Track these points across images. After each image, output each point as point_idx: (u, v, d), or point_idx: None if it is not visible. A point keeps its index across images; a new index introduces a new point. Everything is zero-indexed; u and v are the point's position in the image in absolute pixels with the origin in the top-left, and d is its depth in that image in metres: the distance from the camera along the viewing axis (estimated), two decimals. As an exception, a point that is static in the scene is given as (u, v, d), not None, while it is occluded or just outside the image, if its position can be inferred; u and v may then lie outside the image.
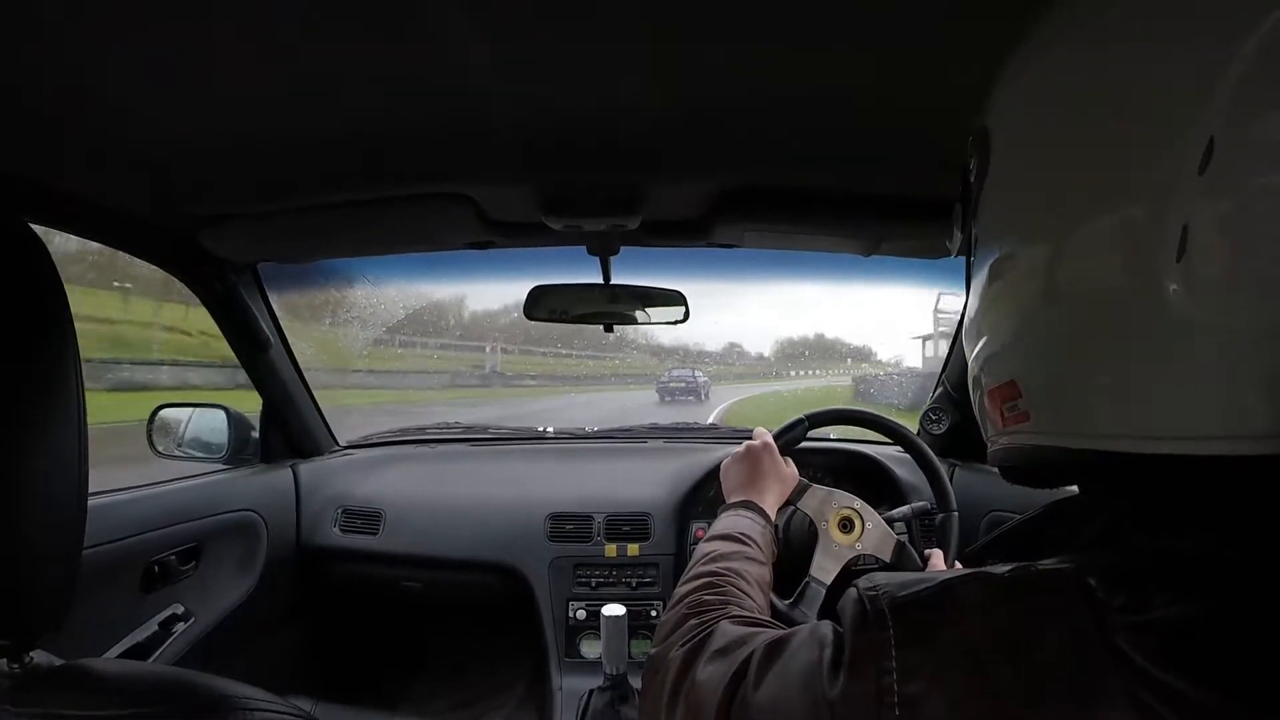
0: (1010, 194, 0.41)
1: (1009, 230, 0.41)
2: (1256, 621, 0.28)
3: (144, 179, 0.93)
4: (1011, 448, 0.42)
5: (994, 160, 0.42)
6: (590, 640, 1.33)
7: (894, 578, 0.37)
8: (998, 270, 0.41)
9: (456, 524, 1.45)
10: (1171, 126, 0.29)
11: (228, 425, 1.46)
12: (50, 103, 0.71)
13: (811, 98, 0.74)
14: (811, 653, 0.38)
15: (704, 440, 1.72)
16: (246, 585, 1.32)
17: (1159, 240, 0.29)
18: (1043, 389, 0.37)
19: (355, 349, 8.52)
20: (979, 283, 0.44)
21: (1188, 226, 0.28)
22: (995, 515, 1.22)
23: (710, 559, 0.68)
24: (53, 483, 0.44)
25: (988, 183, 0.43)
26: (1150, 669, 0.28)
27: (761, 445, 0.97)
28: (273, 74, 0.68)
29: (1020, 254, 0.39)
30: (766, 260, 1.50)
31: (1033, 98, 0.39)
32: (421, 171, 0.94)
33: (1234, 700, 0.27)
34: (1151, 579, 0.31)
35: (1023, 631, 0.31)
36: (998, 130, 0.42)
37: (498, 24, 0.61)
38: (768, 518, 0.83)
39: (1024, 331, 0.39)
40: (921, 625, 0.34)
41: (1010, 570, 0.34)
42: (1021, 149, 0.40)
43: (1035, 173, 0.38)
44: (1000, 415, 0.42)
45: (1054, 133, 0.37)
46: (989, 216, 0.43)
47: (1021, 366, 0.39)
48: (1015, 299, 0.39)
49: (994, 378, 0.42)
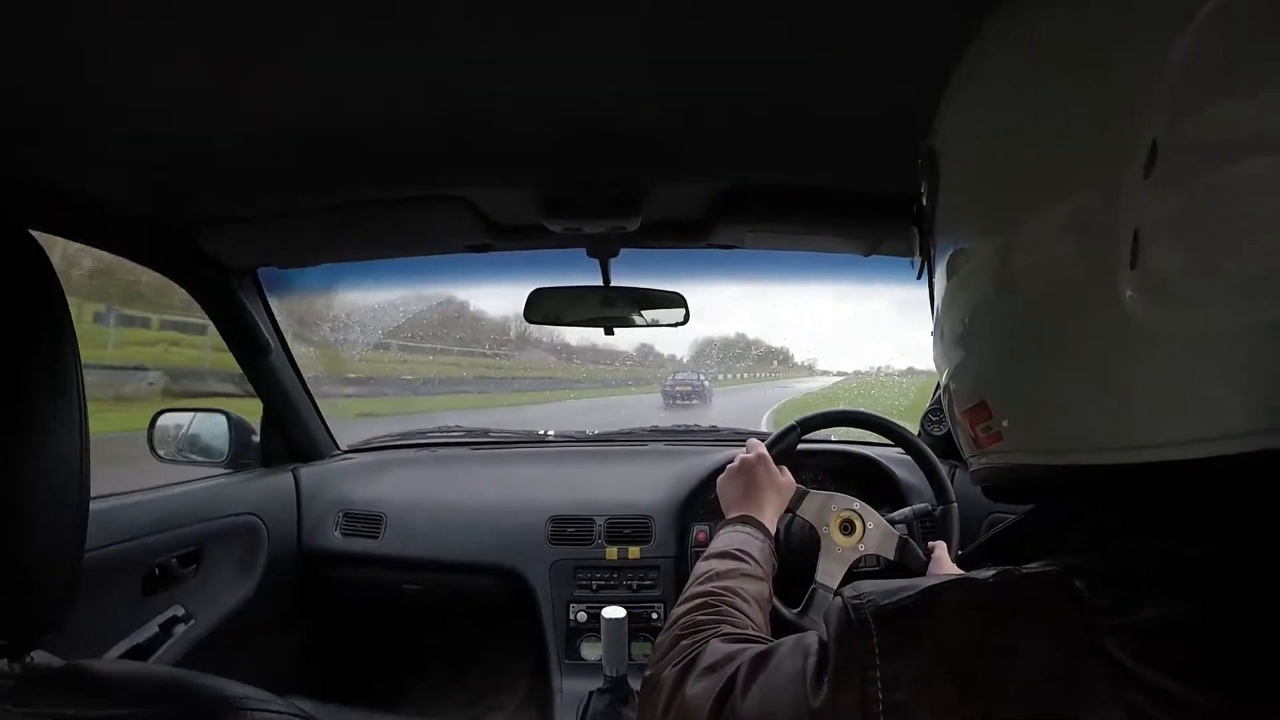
0: (961, 213, 0.40)
1: (962, 249, 0.40)
2: (1246, 621, 0.28)
3: (143, 182, 0.93)
4: (990, 468, 0.42)
5: (943, 180, 0.42)
6: (591, 642, 1.33)
7: (879, 585, 0.37)
8: (955, 292, 0.41)
9: (458, 527, 1.45)
10: (1115, 131, 0.29)
11: (228, 429, 1.46)
12: (47, 105, 0.71)
13: (814, 96, 0.75)
14: (796, 663, 0.38)
15: (705, 443, 1.72)
16: (247, 588, 1.32)
17: (1112, 248, 0.28)
18: (1013, 409, 0.37)
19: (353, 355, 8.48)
20: (940, 304, 0.44)
21: (1138, 231, 0.27)
22: (996, 516, 1.22)
23: (707, 578, 0.68)
24: (55, 484, 0.44)
25: (939, 204, 0.42)
26: (1139, 670, 0.28)
27: (755, 458, 0.96)
28: (271, 77, 0.69)
29: (976, 273, 0.38)
30: (766, 261, 1.51)
31: (976, 112, 0.39)
32: (420, 174, 0.95)
33: (1224, 699, 0.27)
34: (1138, 581, 0.31)
35: (1006, 637, 0.31)
36: (946, 149, 0.42)
37: (497, 24, 0.61)
38: (766, 531, 0.82)
39: (987, 352, 0.38)
40: (905, 633, 0.34)
41: (994, 575, 0.34)
42: (969, 165, 0.40)
43: (984, 187, 0.38)
44: (974, 437, 0.41)
45: (999, 145, 0.36)
46: (943, 237, 0.43)
47: (989, 387, 0.39)
48: (976, 319, 0.39)
49: (963, 400, 0.42)
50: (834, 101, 0.76)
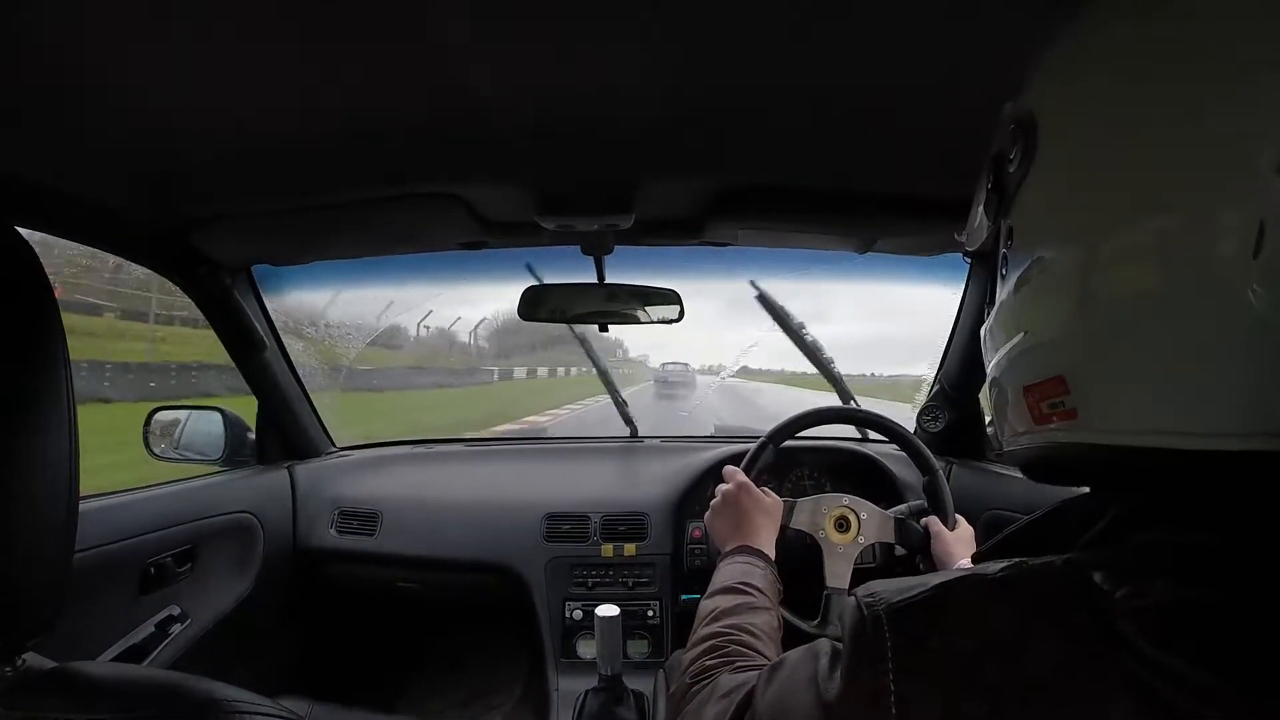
0: (1065, 187, 0.39)
1: (1062, 224, 0.38)
2: (1261, 607, 0.28)
3: (136, 180, 0.93)
4: (1045, 445, 0.41)
5: (1043, 150, 0.40)
6: (587, 640, 1.33)
7: (891, 584, 0.37)
8: (1045, 265, 0.39)
9: (453, 525, 1.45)
10: (1246, 121, 0.28)
11: (224, 427, 1.47)
12: (39, 103, 0.71)
13: (807, 95, 0.74)
14: (808, 666, 0.40)
15: (701, 440, 1.73)
16: (243, 587, 1.32)
17: (1234, 237, 0.28)
18: (1097, 386, 0.36)
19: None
20: (1015, 277, 0.42)
21: (1264, 222, 0.27)
22: (993, 514, 1.22)
23: (713, 618, 0.68)
24: (43, 485, 0.44)
25: (1033, 173, 0.41)
26: (1149, 649, 0.28)
27: (736, 488, 0.95)
28: (262, 74, 0.68)
29: (1076, 249, 0.37)
30: (762, 258, 1.51)
31: (1092, 89, 0.37)
32: (414, 171, 0.94)
33: (1232, 682, 0.27)
34: (1156, 569, 0.31)
35: (1015, 630, 0.32)
36: (1049, 120, 0.40)
37: (489, 21, 0.60)
38: (766, 557, 0.82)
39: (1079, 328, 0.37)
40: (916, 629, 0.34)
41: (1002, 569, 0.34)
42: (1081, 143, 0.38)
43: (1098, 168, 0.36)
44: (1036, 412, 0.40)
45: (1119, 128, 0.35)
46: (1035, 209, 0.41)
47: (1072, 362, 0.37)
48: (1068, 294, 0.37)
49: (1035, 374, 0.40)
50: (829, 99, 0.75)
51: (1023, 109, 0.42)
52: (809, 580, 1.02)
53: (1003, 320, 0.44)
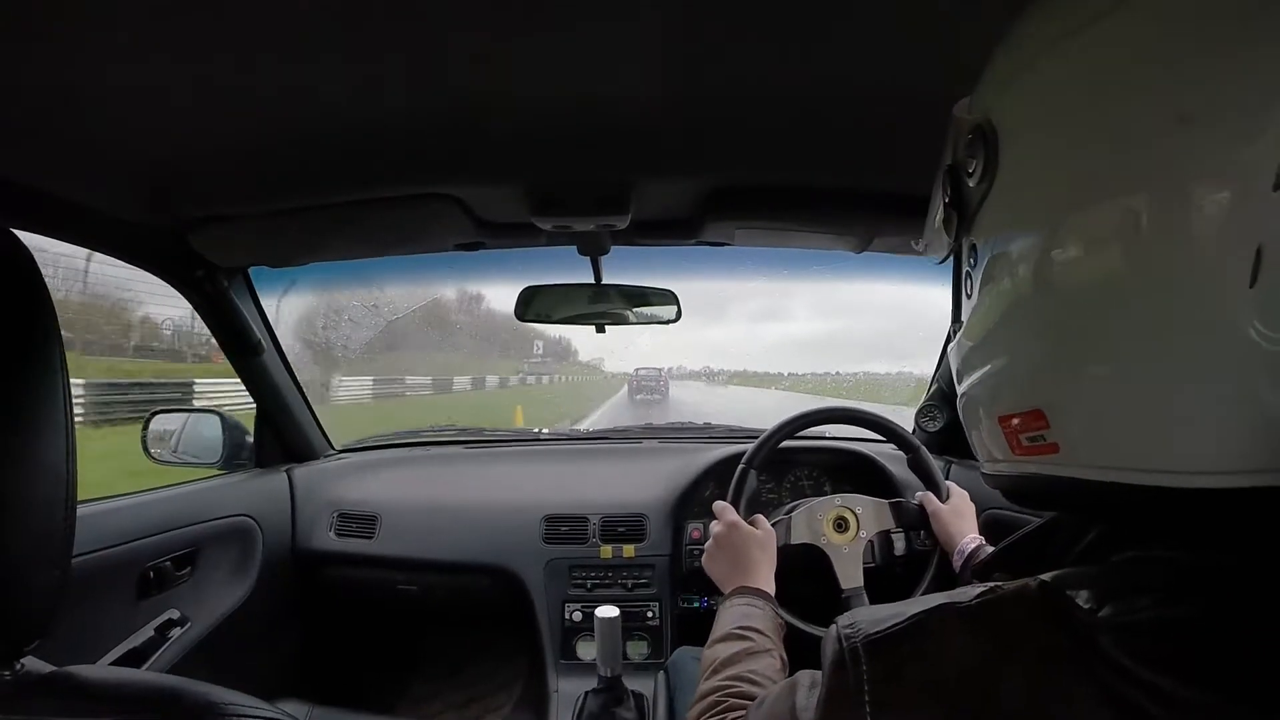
0: (1031, 203, 0.35)
1: (1035, 249, 0.34)
2: (1246, 622, 0.28)
3: (132, 182, 0.93)
4: (1028, 476, 0.38)
5: (1004, 164, 0.37)
6: (586, 642, 1.33)
7: (870, 613, 0.37)
8: (1013, 287, 0.36)
9: (452, 527, 1.45)
10: (1242, 137, 0.26)
11: (222, 430, 1.46)
12: (34, 105, 0.71)
13: (804, 94, 0.74)
14: (787, 699, 0.41)
15: (699, 440, 1.73)
16: (242, 590, 1.32)
17: (1229, 264, 0.26)
18: (1081, 420, 0.33)
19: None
20: (983, 298, 0.39)
21: (1262, 248, 0.25)
22: (992, 514, 1.21)
23: (713, 670, 0.68)
24: (41, 489, 0.44)
25: (996, 186, 0.37)
26: (1135, 668, 0.28)
27: (724, 528, 0.94)
28: (258, 76, 0.68)
29: (1049, 272, 0.33)
30: (760, 258, 1.51)
31: (1059, 95, 0.33)
32: (409, 172, 0.94)
33: (1225, 698, 0.27)
34: (1139, 586, 0.31)
35: (988, 659, 0.32)
36: (1010, 130, 0.36)
37: (484, 22, 0.61)
38: (765, 595, 0.82)
39: (1057, 357, 0.34)
40: (893, 661, 0.34)
41: (976, 597, 0.34)
42: (1047, 154, 0.34)
43: (1070, 184, 0.32)
44: (1014, 443, 0.38)
45: (1095, 138, 0.31)
46: (1000, 225, 0.38)
47: (1051, 394, 0.34)
48: (1042, 320, 0.35)
49: (1010, 405, 0.37)
50: (826, 98, 0.75)
51: (980, 116, 0.38)
52: (825, 591, 1.02)
53: (973, 342, 0.42)
